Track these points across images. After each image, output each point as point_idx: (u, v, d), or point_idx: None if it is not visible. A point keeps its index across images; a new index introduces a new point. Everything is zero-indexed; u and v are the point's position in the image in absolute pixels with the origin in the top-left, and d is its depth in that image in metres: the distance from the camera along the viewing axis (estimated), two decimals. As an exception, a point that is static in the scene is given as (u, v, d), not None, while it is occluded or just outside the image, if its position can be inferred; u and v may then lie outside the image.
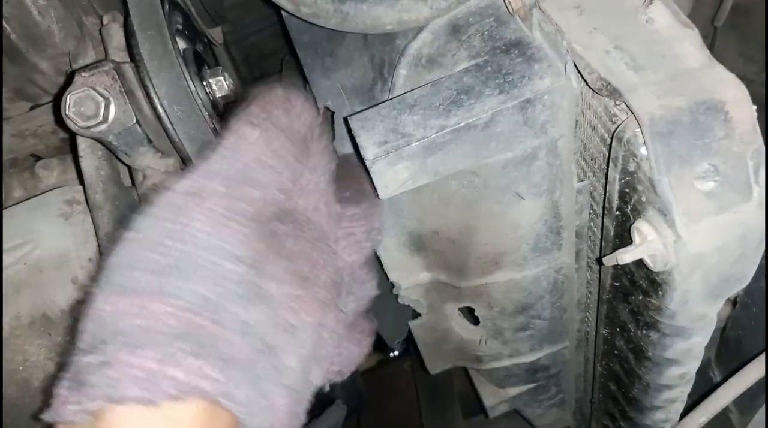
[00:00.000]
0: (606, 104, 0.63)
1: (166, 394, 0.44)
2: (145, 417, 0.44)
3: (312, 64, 0.86)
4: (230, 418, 0.48)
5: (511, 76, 0.66)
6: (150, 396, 0.44)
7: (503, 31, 0.70)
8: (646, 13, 0.62)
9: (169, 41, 0.66)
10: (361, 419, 2.04)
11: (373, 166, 0.64)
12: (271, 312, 0.51)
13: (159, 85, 0.65)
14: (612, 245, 0.73)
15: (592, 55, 0.60)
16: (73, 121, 0.64)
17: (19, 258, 0.76)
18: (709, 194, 0.55)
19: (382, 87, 0.80)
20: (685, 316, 0.65)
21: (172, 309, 0.46)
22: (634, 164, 0.59)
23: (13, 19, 0.77)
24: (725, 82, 0.56)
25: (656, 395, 0.84)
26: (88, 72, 0.66)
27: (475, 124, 0.65)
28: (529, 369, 1.12)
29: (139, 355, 0.44)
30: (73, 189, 0.82)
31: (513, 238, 0.82)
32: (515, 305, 0.94)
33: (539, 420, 1.35)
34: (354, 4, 0.70)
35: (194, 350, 0.46)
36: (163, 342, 0.45)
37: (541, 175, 0.74)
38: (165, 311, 0.46)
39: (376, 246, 0.76)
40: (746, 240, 0.57)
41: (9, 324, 0.74)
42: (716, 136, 0.55)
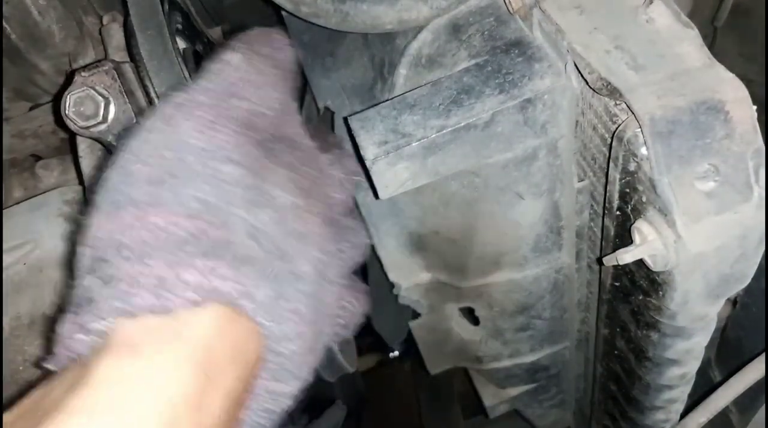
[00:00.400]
0: (606, 104, 0.63)
1: (182, 300, 0.41)
2: (157, 327, 0.41)
3: (312, 63, 0.86)
4: (250, 327, 0.45)
5: (511, 76, 0.66)
6: (165, 303, 0.41)
7: (503, 31, 0.70)
8: (647, 13, 0.62)
9: (169, 41, 0.66)
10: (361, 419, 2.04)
11: (373, 166, 0.64)
12: (278, 217, 0.49)
13: (159, 85, 0.65)
14: (612, 245, 0.73)
15: (593, 54, 0.60)
16: (72, 121, 0.64)
17: (19, 258, 0.76)
18: (709, 194, 0.55)
19: (382, 87, 0.80)
20: (686, 316, 0.65)
21: (174, 218, 0.43)
22: (635, 164, 0.59)
23: (13, 19, 0.77)
24: (725, 82, 0.56)
25: (656, 395, 0.84)
26: (87, 72, 0.66)
27: (476, 124, 0.65)
28: (530, 370, 1.12)
29: (146, 264, 0.41)
30: (73, 189, 0.82)
31: (513, 238, 0.82)
32: (515, 305, 0.94)
33: (539, 420, 1.35)
34: (354, 3, 0.70)
35: (205, 253, 0.43)
36: (170, 249, 0.42)
37: (541, 175, 0.74)
38: (167, 220, 0.43)
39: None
40: (746, 240, 0.57)
41: (9, 324, 0.74)
42: (716, 136, 0.55)
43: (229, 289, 0.43)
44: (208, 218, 0.45)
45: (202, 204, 0.45)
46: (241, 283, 0.44)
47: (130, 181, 0.45)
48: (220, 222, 0.45)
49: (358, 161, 0.69)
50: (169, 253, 0.42)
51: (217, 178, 0.46)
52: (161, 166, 0.45)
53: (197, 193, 0.45)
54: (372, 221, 0.85)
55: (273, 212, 0.49)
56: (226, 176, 0.47)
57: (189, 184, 0.45)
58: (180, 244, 0.43)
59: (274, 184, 0.50)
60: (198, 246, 0.43)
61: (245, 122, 0.51)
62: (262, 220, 0.47)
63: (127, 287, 0.41)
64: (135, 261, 0.42)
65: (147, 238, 0.43)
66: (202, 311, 0.43)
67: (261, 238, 0.47)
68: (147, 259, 0.42)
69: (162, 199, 0.44)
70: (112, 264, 0.42)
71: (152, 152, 0.46)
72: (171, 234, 0.43)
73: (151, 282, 0.41)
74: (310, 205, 0.54)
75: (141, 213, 0.43)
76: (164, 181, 0.45)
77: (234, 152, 0.48)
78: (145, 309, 0.41)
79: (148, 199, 0.44)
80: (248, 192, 0.47)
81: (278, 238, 0.48)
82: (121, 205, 0.44)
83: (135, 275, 0.41)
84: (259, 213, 0.47)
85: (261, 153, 0.51)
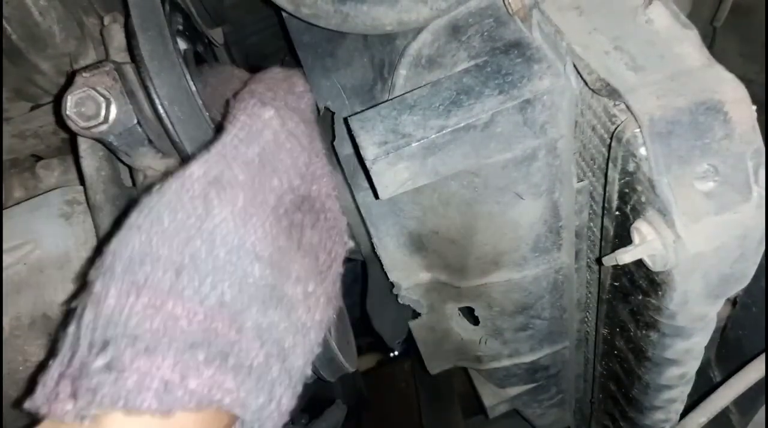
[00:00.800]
0: (605, 104, 0.63)
1: (183, 406, 0.42)
2: (150, 426, 0.42)
3: (312, 64, 0.86)
4: (233, 417, 0.47)
5: (510, 77, 0.66)
6: (166, 408, 0.41)
7: (503, 32, 0.70)
8: (646, 13, 0.62)
9: (169, 42, 0.66)
10: (361, 419, 2.04)
11: (373, 166, 0.64)
12: (286, 315, 0.50)
13: (160, 86, 0.65)
14: (611, 245, 0.73)
15: (592, 55, 0.61)
16: (73, 122, 0.64)
17: (19, 258, 0.76)
18: (708, 194, 0.55)
19: (382, 87, 0.80)
20: (685, 316, 0.65)
21: (190, 313, 0.43)
22: (634, 164, 0.59)
23: (13, 19, 0.78)
24: (725, 83, 0.56)
25: (656, 395, 0.84)
26: (88, 72, 0.66)
27: (475, 125, 0.65)
28: (529, 369, 1.12)
29: (155, 362, 0.41)
30: (74, 189, 0.82)
31: (513, 238, 0.82)
32: (515, 305, 0.94)
33: (539, 420, 1.35)
34: (354, 4, 0.71)
35: (213, 359, 0.43)
36: (180, 348, 0.42)
37: (540, 176, 0.74)
38: (183, 314, 0.43)
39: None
40: (746, 240, 0.57)
41: (9, 324, 0.74)
42: (716, 136, 0.55)
43: (231, 401, 0.44)
44: (223, 319, 0.44)
45: (222, 304, 0.44)
46: (242, 397, 0.45)
47: (154, 263, 0.44)
48: (232, 325, 0.45)
49: (358, 161, 0.69)
50: (177, 353, 0.42)
51: (239, 275, 0.46)
52: (185, 252, 0.44)
53: (219, 292, 0.44)
54: (372, 221, 0.85)
55: (284, 311, 0.49)
56: (249, 276, 0.46)
57: (211, 278, 0.44)
58: (191, 345, 0.43)
59: (293, 278, 0.50)
60: (207, 350, 0.43)
61: (275, 203, 0.50)
62: (272, 320, 0.48)
63: (132, 385, 0.41)
64: (145, 356, 0.41)
65: (160, 331, 0.42)
66: (197, 414, 0.43)
67: (267, 340, 0.47)
68: (157, 356, 0.41)
69: (181, 289, 0.43)
70: (122, 352, 0.41)
71: (184, 237, 0.45)
72: (184, 331, 0.43)
73: (156, 385, 0.41)
74: (321, 289, 0.55)
75: (157, 300, 0.43)
76: (189, 272, 0.44)
77: (260, 246, 0.47)
78: (147, 411, 0.41)
79: (169, 288, 0.43)
80: (266, 291, 0.47)
81: (284, 338, 0.49)
82: (142, 288, 0.43)
83: (143, 373, 0.41)
84: (271, 313, 0.48)
85: (285, 241, 0.50)
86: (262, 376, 0.47)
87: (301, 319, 0.52)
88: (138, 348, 0.41)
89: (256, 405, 0.46)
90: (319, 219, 0.58)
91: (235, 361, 0.45)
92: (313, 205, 0.58)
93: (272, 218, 0.49)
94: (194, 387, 0.42)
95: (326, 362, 0.83)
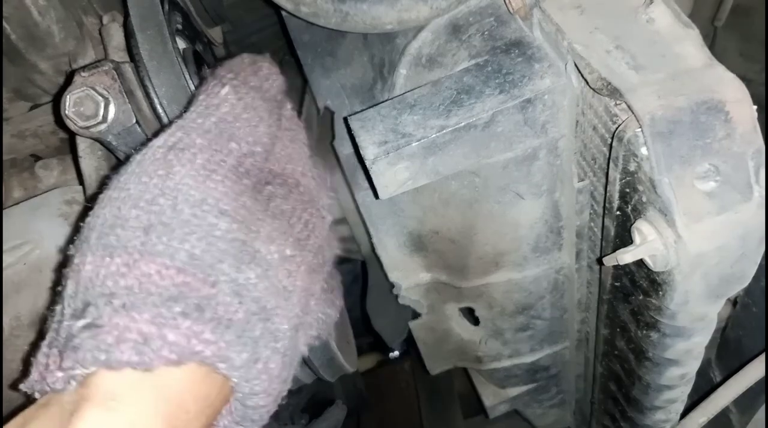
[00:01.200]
0: (606, 104, 0.63)
1: (164, 359, 0.43)
2: (135, 382, 0.42)
3: (312, 63, 0.86)
4: (223, 382, 0.47)
5: (511, 76, 0.66)
6: (147, 360, 0.42)
7: (503, 31, 0.70)
8: (647, 12, 0.62)
9: (168, 41, 0.66)
10: (361, 419, 2.04)
11: (373, 166, 0.64)
12: (263, 274, 0.50)
13: (159, 85, 0.65)
14: (612, 245, 0.73)
15: (593, 54, 0.60)
16: (72, 121, 0.64)
17: (19, 258, 0.76)
18: (709, 194, 0.55)
19: (382, 87, 0.80)
20: (686, 316, 0.65)
21: (163, 269, 0.44)
22: (635, 164, 0.59)
23: (12, 19, 0.77)
24: (726, 82, 0.56)
25: (656, 395, 0.84)
26: (87, 72, 0.66)
27: (476, 124, 0.65)
28: (530, 370, 1.12)
29: (133, 318, 0.42)
30: (73, 189, 0.82)
31: (513, 238, 0.82)
32: (515, 305, 0.94)
33: (539, 420, 1.35)
34: (354, 3, 0.70)
35: (190, 312, 0.44)
36: (157, 303, 0.43)
37: (541, 175, 0.74)
38: (156, 271, 0.44)
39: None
40: (746, 240, 0.57)
41: (9, 324, 0.74)
42: (717, 136, 0.55)
43: (210, 353, 0.45)
44: (195, 273, 0.46)
45: (192, 257, 0.46)
46: (221, 348, 0.45)
47: (123, 225, 0.46)
48: (206, 279, 0.46)
49: (358, 161, 0.69)
50: (155, 307, 0.43)
51: (209, 232, 0.47)
52: (151, 211, 0.46)
53: (188, 246, 0.46)
54: (372, 221, 0.85)
55: (261, 270, 0.50)
56: (218, 231, 0.48)
57: (179, 234, 0.46)
58: (167, 300, 0.44)
59: (266, 239, 0.52)
60: (184, 304, 0.44)
61: (238, 167, 0.52)
62: (248, 278, 0.49)
63: (112, 340, 0.42)
64: (122, 311, 0.43)
65: (135, 287, 0.44)
66: (179, 369, 0.44)
67: (245, 297, 0.48)
68: (134, 312, 0.43)
69: (154, 248, 0.45)
70: (100, 311, 0.43)
71: (142, 195, 0.47)
72: (159, 286, 0.44)
73: (135, 338, 0.42)
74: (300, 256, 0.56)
75: (132, 260, 0.44)
76: (157, 229, 0.46)
77: (228, 204, 0.49)
78: (127, 364, 0.42)
79: (140, 247, 0.45)
80: (237, 248, 0.49)
81: (263, 297, 0.50)
82: (114, 249, 0.45)
83: (121, 328, 0.42)
84: (246, 271, 0.49)
85: (255, 203, 0.52)
86: (244, 333, 0.47)
87: (282, 282, 0.52)
88: (115, 306, 0.43)
89: (240, 360, 0.46)
90: (291, 192, 0.59)
91: (213, 314, 0.45)
92: (285, 180, 0.59)
93: (233, 176, 0.51)
94: (172, 338, 0.43)
95: (326, 362, 0.83)
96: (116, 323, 0.42)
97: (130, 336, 0.42)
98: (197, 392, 0.45)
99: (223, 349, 0.45)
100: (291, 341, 0.53)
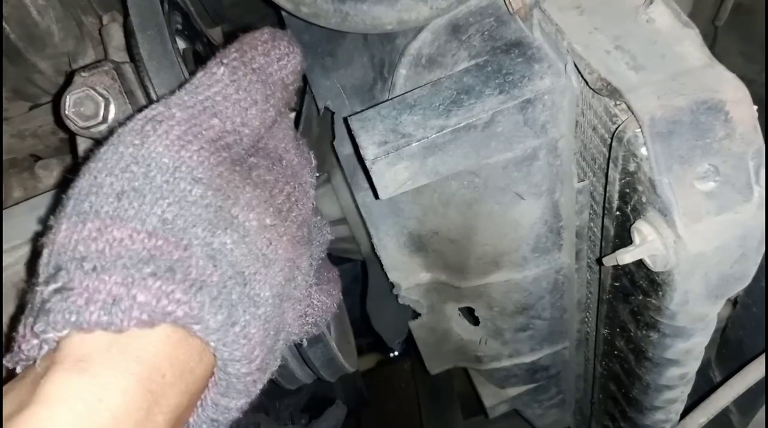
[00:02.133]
0: (606, 104, 0.63)
1: (135, 319, 0.42)
2: (106, 343, 0.42)
3: (312, 64, 0.86)
4: (200, 345, 0.47)
5: (511, 76, 0.66)
6: (117, 321, 0.42)
7: (503, 31, 0.70)
8: (647, 12, 0.62)
9: (168, 41, 0.66)
10: (361, 419, 2.04)
11: (373, 166, 0.64)
12: (240, 240, 0.50)
13: (159, 85, 0.65)
14: (612, 245, 0.73)
15: (593, 55, 0.60)
16: (72, 121, 0.64)
17: (19, 258, 0.76)
18: (709, 194, 0.55)
19: (382, 87, 0.80)
20: (686, 317, 0.65)
21: (134, 233, 0.44)
22: (635, 164, 0.59)
23: (12, 19, 0.77)
24: (726, 82, 0.56)
25: (656, 395, 0.84)
26: (87, 72, 0.66)
27: (476, 124, 0.65)
28: (529, 370, 1.12)
29: (102, 279, 0.42)
30: (73, 189, 0.82)
31: (513, 239, 0.82)
32: (515, 305, 0.94)
33: (539, 420, 1.35)
34: (354, 3, 0.70)
35: (161, 274, 0.44)
36: (128, 265, 0.43)
37: (541, 175, 0.74)
38: (128, 235, 0.44)
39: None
40: (746, 240, 0.57)
41: (9, 325, 0.74)
42: (717, 136, 0.55)
43: (182, 314, 0.44)
44: (167, 237, 0.45)
45: (163, 222, 0.46)
46: (193, 308, 0.45)
47: (97, 192, 0.46)
48: (179, 243, 0.46)
49: (358, 161, 0.69)
50: (125, 269, 0.43)
51: (181, 196, 0.47)
52: (123, 178, 0.46)
53: (159, 211, 0.46)
54: (372, 221, 0.85)
55: (238, 235, 0.50)
56: (191, 196, 0.47)
57: (153, 200, 0.46)
58: (137, 262, 0.44)
59: (245, 206, 0.51)
60: (154, 266, 0.44)
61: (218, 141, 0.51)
62: (224, 243, 0.48)
63: (82, 301, 0.42)
64: (92, 274, 0.43)
65: (106, 251, 0.44)
66: (152, 331, 0.44)
67: (220, 262, 0.48)
68: (103, 274, 0.43)
69: (125, 213, 0.45)
70: (71, 274, 0.43)
71: (121, 165, 0.47)
72: (129, 249, 0.44)
73: (104, 298, 0.42)
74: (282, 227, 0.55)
75: (103, 225, 0.44)
76: (129, 195, 0.46)
77: (201, 172, 0.49)
78: (97, 325, 0.42)
79: (112, 212, 0.45)
80: (212, 213, 0.48)
81: (239, 263, 0.49)
82: (87, 215, 0.45)
83: (90, 290, 0.42)
84: (222, 235, 0.48)
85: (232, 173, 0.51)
86: (220, 296, 0.47)
87: (262, 250, 0.52)
88: (86, 269, 0.43)
89: (216, 322, 0.46)
90: (274, 164, 0.58)
91: (184, 276, 0.45)
92: (268, 153, 0.59)
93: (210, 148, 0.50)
94: (142, 299, 0.43)
95: (326, 362, 0.83)
96: (86, 285, 0.42)
97: (99, 297, 0.42)
98: (173, 356, 0.45)
99: (195, 310, 0.44)
100: (274, 309, 0.52)
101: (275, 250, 0.53)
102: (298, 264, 0.57)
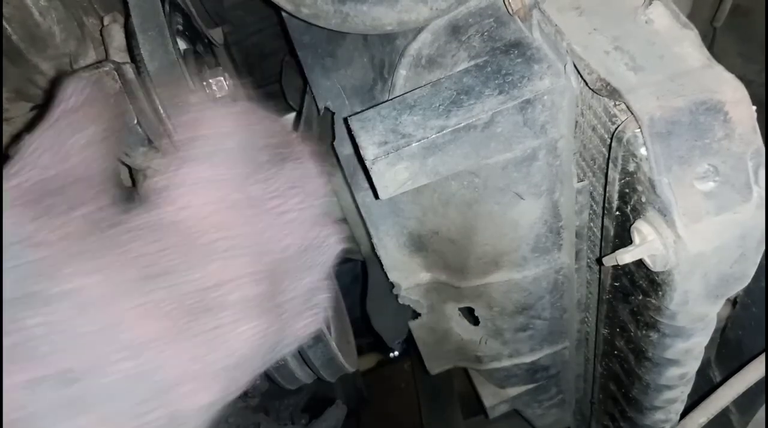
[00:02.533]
0: (606, 105, 0.63)
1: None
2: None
3: (312, 64, 0.86)
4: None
5: (510, 77, 0.66)
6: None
7: (503, 32, 0.70)
8: (646, 13, 0.62)
9: (170, 42, 0.66)
10: (361, 419, 2.04)
11: (373, 167, 0.64)
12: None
13: (159, 86, 0.65)
14: (612, 245, 0.73)
15: (592, 55, 0.61)
16: (73, 122, 0.64)
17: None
18: (708, 194, 0.55)
19: (382, 87, 0.80)
20: (685, 316, 0.65)
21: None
22: (634, 164, 0.59)
23: (13, 19, 0.77)
24: (725, 83, 0.56)
25: (656, 395, 0.84)
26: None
27: (475, 125, 0.65)
28: (529, 370, 1.12)
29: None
30: (74, 189, 0.82)
31: (513, 239, 0.82)
32: (515, 305, 0.94)
33: (539, 420, 1.35)
34: (354, 4, 0.70)
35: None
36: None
37: (541, 176, 0.74)
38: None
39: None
40: (746, 240, 0.57)
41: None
42: (716, 136, 0.55)
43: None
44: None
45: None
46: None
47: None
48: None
49: (358, 161, 0.69)
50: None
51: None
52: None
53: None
54: (372, 221, 0.85)
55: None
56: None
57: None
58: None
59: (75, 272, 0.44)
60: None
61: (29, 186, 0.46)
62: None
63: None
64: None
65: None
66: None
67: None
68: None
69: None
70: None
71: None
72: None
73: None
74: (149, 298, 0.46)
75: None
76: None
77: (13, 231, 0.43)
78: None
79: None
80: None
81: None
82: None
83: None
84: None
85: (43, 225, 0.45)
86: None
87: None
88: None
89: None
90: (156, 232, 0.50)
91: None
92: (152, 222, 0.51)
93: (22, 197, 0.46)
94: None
95: (326, 362, 0.83)
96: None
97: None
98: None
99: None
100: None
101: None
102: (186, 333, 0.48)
